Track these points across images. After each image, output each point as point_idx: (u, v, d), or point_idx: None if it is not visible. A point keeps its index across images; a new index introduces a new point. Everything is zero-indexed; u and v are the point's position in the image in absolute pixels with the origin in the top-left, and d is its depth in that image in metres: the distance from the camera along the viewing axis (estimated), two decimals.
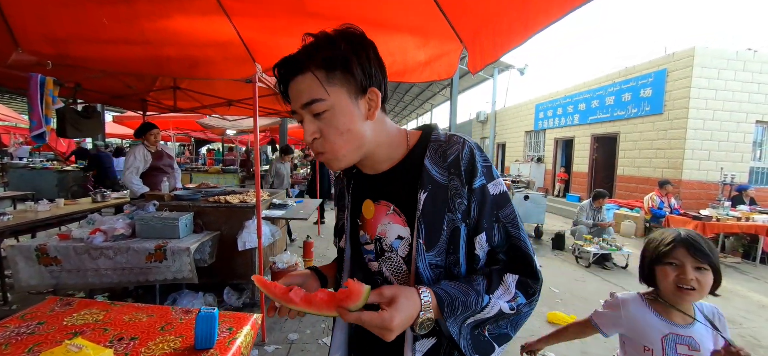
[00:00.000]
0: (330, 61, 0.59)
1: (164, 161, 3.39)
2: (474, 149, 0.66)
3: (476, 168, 0.65)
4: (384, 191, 0.69)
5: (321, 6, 1.49)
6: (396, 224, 0.67)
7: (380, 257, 0.70)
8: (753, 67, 6.81)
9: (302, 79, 0.60)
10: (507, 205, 0.66)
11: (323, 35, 0.61)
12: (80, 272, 2.29)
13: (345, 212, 0.79)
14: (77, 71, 2.72)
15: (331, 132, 0.61)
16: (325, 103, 0.60)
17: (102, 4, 1.70)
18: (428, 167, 0.65)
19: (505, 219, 0.66)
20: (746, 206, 5.80)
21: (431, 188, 0.64)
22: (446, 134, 0.69)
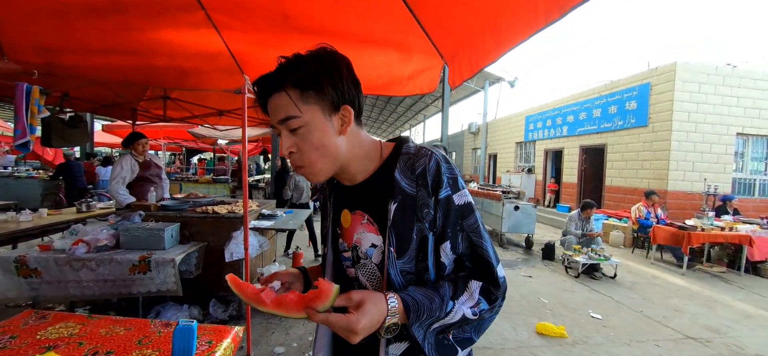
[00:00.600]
0: (302, 81, 0.63)
1: (152, 171, 3.36)
2: (440, 161, 0.69)
3: (442, 180, 0.68)
4: (359, 202, 0.73)
5: (307, 22, 1.52)
6: (370, 232, 0.70)
7: (356, 264, 0.73)
8: (732, 81, 7.06)
9: (278, 97, 0.64)
10: (471, 215, 0.69)
11: (296, 57, 0.65)
12: (61, 284, 2.24)
13: (328, 221, 0.82)
14: (65, 80, 2.71)
15: (307, 147, 0.65)
16: (299, 120, 0.63)
17: (91, 15, 1.71)
18: (398, 178, 0.69)
19: (468, 228, 0.69)
20: (730, 216, 5.94)
21: (401, 199, 0.67)
22: (416, 146, 0.72)
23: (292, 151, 0.66)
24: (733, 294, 4.43)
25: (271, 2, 1.46)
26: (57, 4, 1.60)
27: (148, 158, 3.40)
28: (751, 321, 3.56)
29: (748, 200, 7.36)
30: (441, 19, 1.21)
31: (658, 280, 4.86)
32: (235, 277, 0.65)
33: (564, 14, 0.90)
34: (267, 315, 2.95)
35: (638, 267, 5.46)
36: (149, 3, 1.60)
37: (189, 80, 2.32)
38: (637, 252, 6.37)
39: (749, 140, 7.41)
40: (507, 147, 13.75)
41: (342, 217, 0.75)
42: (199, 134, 7.06)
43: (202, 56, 2.03)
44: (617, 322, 3.38)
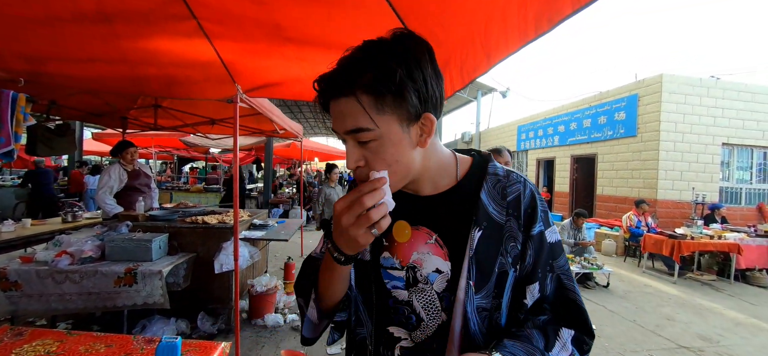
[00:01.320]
0: (378, 85, 0.51)
1: (141, 180, 3.31)
2: (535, 191, 0.63)
3: (536, 213, 0.61)
4: (425, 217, 0.63)
5: (300, 33, 1.52)
6: (436, 256, 0.61)
7: (411, 287, 0.63)
8: (716, 93, 7.26)
9: (346, 102, 0.53)
10: (561, 255, 0.63)
11: (372, 50, 0.53)
12: (43, 297, 2.17)
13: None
14: (52, 88, 2.66)
15: (377, 162, 0.55)
16: (372, 133, 0.53)
17: (79, 22, 1.69)
18: (485, 202, 0.60)
19: (559, 270, 0.62)
20: (718, 225, 6.04)
21: (486, 227, 0.59)
22: (504, 168, 0.65)
23: (359, 165, 0.56)
24: (724, 301, 4.47)
25: (264, 13, 1.46)
26: (44, 12, 1.57)
27: (137, 167, 3.34)
28: (742, 329, 3.59)
29: (736, 209, 7.50)
30: (431, 30, 1.22)
31: (650, 288, 4.89)
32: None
33: (553, 26, 0.91)
34: (257, 328, 2.89)
35: (630, 276, 5.50)
36: (139, 13, 1.58)
37: (179, 89, 2.30)
38: (629, 261, 6.42)
39: (734, 150, 7.59)
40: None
41: (396, 228, 0.63)
42: (191, 142, 6.99)
43: (193, 65, 2.01)
44: (611, 331, 3.38)
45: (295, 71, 1.94)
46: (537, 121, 11.28)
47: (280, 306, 3.25)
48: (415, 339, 0.62)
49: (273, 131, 4.56)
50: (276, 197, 9.00)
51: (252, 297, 3.01)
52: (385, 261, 0.65)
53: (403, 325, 0.63)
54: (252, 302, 3.02)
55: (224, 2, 1.46)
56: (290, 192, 10.33)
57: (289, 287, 3.52)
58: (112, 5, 1.53)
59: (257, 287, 2.98)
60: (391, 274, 0.64)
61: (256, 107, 2.64)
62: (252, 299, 3.01)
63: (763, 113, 7.44)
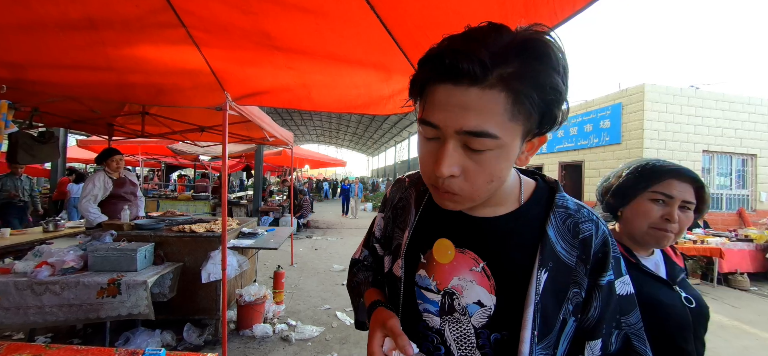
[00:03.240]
0: (529, 88, 0.41)
1: (126, 188, 3.24)
2: (608, 233, 0.54)
3: (608, 258, 0.52)
4: (474, 240, 0.54)
5: (288, 42, 1.54)
6: (481, 286, 0.53)
7: (446, 315, 0.55)
8: (696, 102, 7.52)
9: (478, 94, 0.41)
10: (634, 310, 0.55)
11: (524, 38, 0.42)
12: (21, 310, 2.10)
13: (405, 233, 0.61)
14: (35, 95, 2.61)
15: (480, 177, 0.46)
16: (495, 142, 0.43)
17: (64, 29, 1.67)
18: (552, 238, 0.52)
19: (629, 328, 0.54)
20: (701, 230, 6.21)
21: (553, 267, 0.51)
22: (575, 202, 0.57)
23: (454, 175, 0.46)
24: (708, 305, 4.57)
25: (253, 22, 1.47)
26: (28, 18, 1.55)
27: (123, 174, 3.28)
28: (725, 332, 3.68)
29: (717, 214, 7.72)
30: (417, 42, 1.25)
31: None
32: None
33: (559, 23, 0.93)
34: (245, 339, 2.84)
35: None
36: (127, 20, 1.58)
37: (167, 97, 2.28)
38: None
39: (715, 157, 7.84)
40: None
41: (436, 246, 0.56)
42: (180, 150, 6.90)
43: (181, 73, 2.00)
44: None
45: (285, 79, 1.95)
46: None
47: (269, 316, 3.20)
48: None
49: (263, 139, 4.54)
50: (266, 205, 8.91)
51: (240, 307, 2.96)
52: (421, 280, 0.57)
53: (431, 353, 0.56)
54: (240, 312, 2.97)
55: (213, 11, 1.47)
56: (280, 200, 10.24)
57: (278, 296, 3.47)
58: (98, 12, 1.52)
59: (246, 296, 2.93)
60: (425, 295, 0.57)
61: (246, 115, 2.63)
62: (240, 309, 2.96)
63: (740, 122, 7.73)
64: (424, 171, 0.51)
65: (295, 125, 17.81)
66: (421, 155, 0.50)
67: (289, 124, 16.75)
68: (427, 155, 0.49)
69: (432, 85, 0.45)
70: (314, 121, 17.22)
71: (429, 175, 0.49)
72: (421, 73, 0.46)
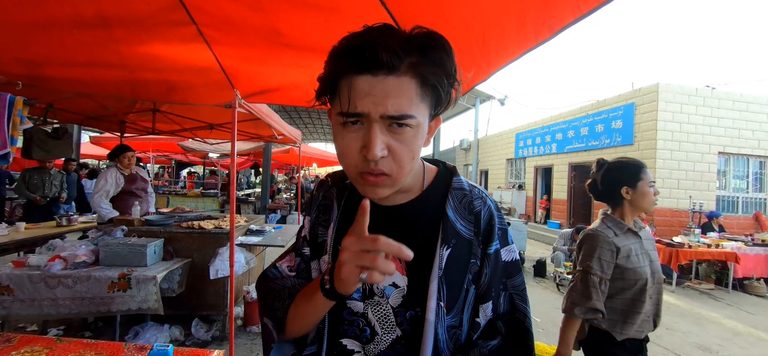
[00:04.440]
0: (430, 71, 0.48)
1: (138, 184, 3.29)
2: (494, 208, 0.61)
3: (494, 230, 0.60)
4: (385, 227, 0.57)
5: (298, 39, 1.53)
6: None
7: (367, 299, 0.60)
8: (712, 102, 7.33)
9: (394, 82, 0.47)
10: (518, 274, 0.62)
11: (418, 32, 0.49)
12: (35, 302, 2.14)
13: (329, 229, 0.64)
14: (50, 92, 2.66)
15: (405, 154, 0.50)
16: (414, 120, 0.49)
17: (78, 27, 1.69)
18: (452, 218, 0.58)
19: (513, 289, 0.61)
20: (716, 233, 6.05)
21: (455, 244, 0.57)
22: (468, 182, 0.63)
23: (384, 155, 0.49)
24: (722, 311, 4.46)
25: (263, 20, 1.47)
26: (43, 16, 1.58)
27: (134, 171, 3.33)
28: (740, 339, 3.58)
29: (732, 218, 7.52)
30: None
31: None
32: None
33: (554, 34, 0.91)
34: (252, 335, 2.86)
35: None
36: (139, 18, 1.59)
37: (178, 94, 2.30)
38: None
39: (730, 159, 7.64)
40: (498, 164, 13.91)
41: None
42: (189, 147, 6.98)
43: (192, 71, 2.01)
44: None
45: (294, 77, 1.94)
46: (535, 128, 11.33)
47: None
48: (368, 353, 0.59)
49: (271, 137, 4.56)
50: (274, 202, 8.97)
51: (247, 303, 2.98)
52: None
53: (357, 338, 0.60)
54: (247, 309, 2.98)
55: (224, 9, 1.47)
56: (288, 197, 10.30)
57: None
58: (111, 10, 1.53)
59: (253, 293, 2.95)
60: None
61: (255, 113, 2.64)
62: (247, 306, 2.98)
63: (757, 123, 7.51)
64: (349, 162, 0.52)
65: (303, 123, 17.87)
66: (344, 146, 0.51)
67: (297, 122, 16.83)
68: (352, 144, 0.50)
69: (349, 77, 0.48)
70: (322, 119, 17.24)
71: (356, 163, 0.51)
72: (338, 67, 0.49)
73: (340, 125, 0.51)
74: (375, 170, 0.50)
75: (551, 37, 0.89)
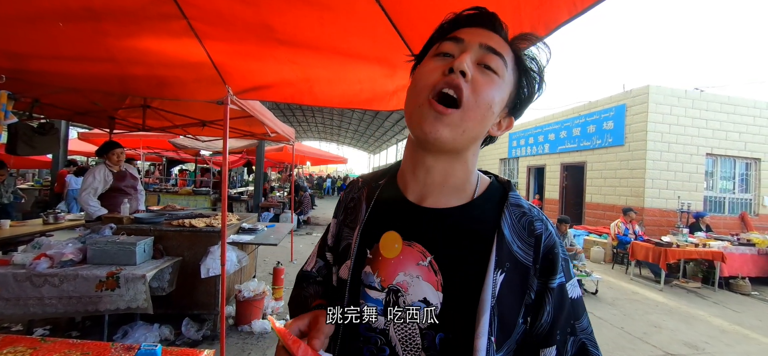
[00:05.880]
0: (527, 58, 0.54)
1: (127, 182, 3.23)
2: (555, 234, 0.53)
3: (557, 260, 0.50)
4: (423, 233, 0.51)
5: (291, 35, 1.51)
6: (427, 283, 0.49)
7: (390, 314, 0.51)
8: (700, 104, 7.46)
9: (498, 37, 0.53)
10: (584, 314, 0.53)
11: (533, 37, 0.55)
12: (20, 301, 2.09)
13: (355, 231, 0.57)
14: (36, 86, 2.59)
15: (484, 93, 0.49)
16: (503, 66, 0.51)
17: (65, 19, 1.65)
18: (508, 237, 0.49)
19: (582, 333, 0.52)
20: (703, 233, 6.17)
21: (509, 268, 0.48)
22: (526, 201, 0.56)
23: (465, 72, 0.48)
24: (709, 309, 4.55)
25: (256, 14, 1.45)
26: (28, 8, 1.53)
27: (124, 168, 3.27)
28: (727, 337, 3.66)
29: (719, 218, 7.68)
30: (423, 36, 1.23)
31: (637, 296, 4.95)
32: (280, 329, 0.48)
33: (550, 32, 0.90)
34: (243, 334, 2.83)
35: (618, 283, 5.57)
36: (128, 11, 1.55)
37: (169, 90, 2.26)
38: (617, 268, 6.51)
39: (718, 160, 7.80)
40: (492, 163, 14.00)
41: (383, 239, 0.53)
42: (181, 144, 6.88)
43: (182, 66, 1.98)
44: (599, 339, 3.34)
45: (287, 74, 1.92)
46: (528, 129, 11.43)
47: (268, 312, 3.19)
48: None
49: (264, 134, 4.51)
50: (267, 200, 8.90)
51: (239, 302, 2.95)
52: (366, 277, 0.53)
53: (375, 354, 0.52)
54: (239, 308, 2.96)
55: (215, 2, 1.45)
56: (281, 196, 10.23)
57: (277, 292, 3.46)
58: (99, 2, 1.50)
59: (245, 292, 2.92)
60: (368, 294, 0.52)
61: (247, 110, 2.61)
62: (239, 304, 2.95)
63: (745, 125, 7.67)
64: (425, 83, 0.50)
65: (297, 121, 17.78)
66: (424, 71, 0.52)
67: (290, 120, 16.74)
68: (436, 67, 0.51)
69: (462, 27, 0.53)
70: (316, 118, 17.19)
71: (434, 80, 0.50)
72: (457, 16, 0.54)
73: (430, 57, 0.54)
74: (453, 81, 0.48)
75: (547, 35, 0.89)
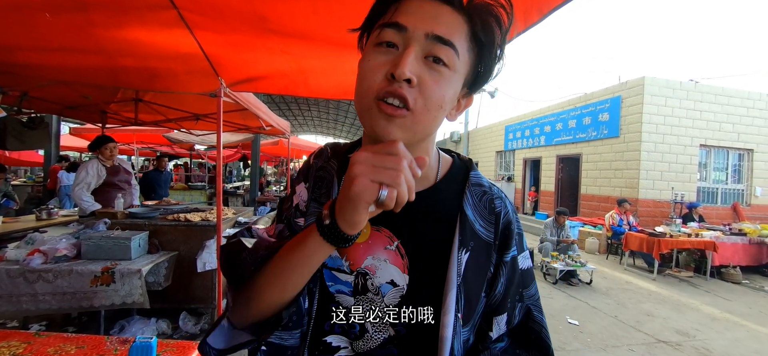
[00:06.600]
0: (487, 29, 0.46)
1: (120, 176, 3.20)
2: (511, 210, 0.55)
3: (512, 235, 0.53)
4: (390, 219, 0.49)
5: (284, 25, 1.49)
6: (394, 266, 0.51)
7: (359, 295, 0.52)
8: (695, 96, 7.51)
9: (447, 10, 0.45)
10: (532, 282, 0.57)
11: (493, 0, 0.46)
12: (13, 298, 2.07)
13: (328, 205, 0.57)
14: (24, 79, 2.54)
15: (434, 93, 0.43)
16: (454, 56, 0.44)
17: (52, 10, 1.61)
18: (470, 217, 0.51)
19: (529, 300, 0.56)
20: (696, 223, 6.26)
21: (474, 247, 0.50)
22: (486, 179, 0.57)
23: (411, 79, 0.42)
24: (700, 297, 4.63)
25: (247, 3, 1.42)
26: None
27: (117, 163, 3.23)
28: (717, 324, 3.73)
29: (712, 208, 7.78)
30: None
31: (631, 285, 5.02)
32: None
33: (543, 17, 0.89)
34: None
35: (612, 273, 5.64)
36: (116, 1, 1.52)
37: (160, 82, 2.23)
38: (611, 258, 6.59)
39: (711, 151, 7.87)
40: (488, 156, 14.03)
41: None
42: (175, 138, 6.82)
43: (173, 57, 1.94)
44: (593, 328, 3.45)
45: (281, 65, 1.90)
46: (524, 121, 11.44)
47: None
48: (356, 349, 0.53)
49: (259, 128, 4.48)
50: (263, 195, 8.87)
51: None
52: (331, 262, 0.52)
53: (345, 334, 0.53)
54: None
55: None
56: (278, 190, 10.20)
57: None
58: None
59: None
60: (336, 277, 0.52)
61: (241, 102, 2.58)
62: None
63: (738, 116, 7.74)
64: (368, 85, 0.44)
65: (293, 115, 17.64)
66: (367, 68, 0.45)
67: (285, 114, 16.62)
68: (378, 65, 0.44)
69: (402, 1, 0.45)
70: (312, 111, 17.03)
71: (377, 85, 0.43)
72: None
73: (371, 47, 0.46)
74: (397, 91, 0.42)
75: (540, 19, 0.88)
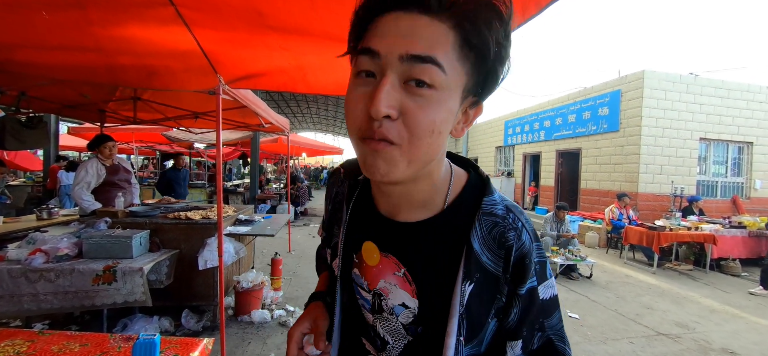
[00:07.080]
0: (480, 30, 0.39)
1: (120, 175, 3.19)
2: (531, 241, 0.51)
3: (528, 269, 0.50)
4: (396, 246, 0.52)
5: (282, 21, 1.48)
6: (404, 290, 0.52)
7: (377, 313, 0.56)
8: (694, 89, 7.49)
9: (426, 23, 0.38)
10: (555, 311, 0.54)
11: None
12: (14, 298, 2.08)
13: (341, 231, 0.59)
14: (22, 78, 2.53)
15: (421, 122, 0.39)
16: (438, 73, 0.38)
17: (50, 9, 1.60)
18: (477, 249, 0.48)
19: (550, 329, 0.54)
20: (695, 217, 6.27)
21: (479, 279, 0.49)
22: (504, 204, 0.52)
23: (391, 115, 0.38)
24: (700, 290, 4.65)
25: (245, 0, 1.41)
26: None
27: (116, 162, 3.23)
28: (716, 316, 3.75)
29: (711, 201, 7.79)
30: None
31: (630, 279, 5.04)
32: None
33: (541, 9, 0.89)
34: (243, 324, 2.85)
35: (612, 267, 5.66)
36: None
37: (158, 80, 2.22)
38: (611, 252, 6.60)
39: (711, 145, 7.87)
40: (487, 151, 14.02)
41: (365, 248, 0.55)
42: (174, 137, 6.81)
43: (172, 55, 1.94)
44: (593, 321, 3.47)
45: (279, 61, 1.89)
46: (523, 116, 11.42)
47: (267, 302, 3.21)
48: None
49: (259, 125, 4.47)
50: (263, 192, 8.87)
51: (238, 293, 2.96)
52: (356, 278, 0.57)
53: (371, 342, 0.59)
54: (238, 298, 2.97)
55: None
56: (278, 188, 10.20)
57: (276, 283, 3.48)
58: None
59: (243, 283, 2.93)
60: (361, 293, 0.57)
61: (240, 100, 2.57)
62: (238, 295, 2.96)
63: (737, 109, 7.73)
64: (352, 124, 0.42)
65: (291, 112, 17.59)
66: (350, 103, 0.42)
67: (284, 111, 16.57)
68: (359, 100, 0.40)
69: (377, 18, 0.40)
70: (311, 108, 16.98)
71: (360, 122, 0.40)
72: (366, 2, 0.42)
73: (353, 78, 0.42)
74: (377, 133, 0.39)
75: (538, 12, 0.88)
